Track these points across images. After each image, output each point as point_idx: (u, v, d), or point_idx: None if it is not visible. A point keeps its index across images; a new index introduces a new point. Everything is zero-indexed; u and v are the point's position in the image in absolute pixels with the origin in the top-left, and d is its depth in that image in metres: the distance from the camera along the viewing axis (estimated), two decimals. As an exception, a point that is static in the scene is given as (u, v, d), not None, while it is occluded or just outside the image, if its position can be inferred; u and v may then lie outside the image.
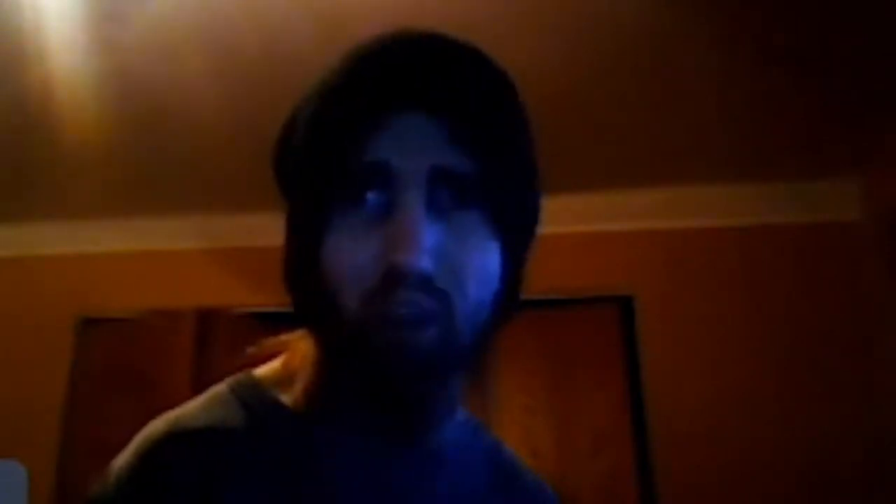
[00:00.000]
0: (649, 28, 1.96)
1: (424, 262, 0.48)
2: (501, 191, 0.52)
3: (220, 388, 0.61)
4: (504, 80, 0.54)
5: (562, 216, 2.77)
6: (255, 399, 0.59)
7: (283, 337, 0.63)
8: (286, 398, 0.59)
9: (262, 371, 0.62)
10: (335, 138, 0.50)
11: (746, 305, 2.74)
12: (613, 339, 2.83)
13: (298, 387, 0.59)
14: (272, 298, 0.56)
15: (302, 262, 0.53)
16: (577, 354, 2.82)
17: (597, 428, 2.72)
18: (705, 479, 2.54)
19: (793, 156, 2.63)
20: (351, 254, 0.50)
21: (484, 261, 0.52)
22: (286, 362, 0.62)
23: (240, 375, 0.62)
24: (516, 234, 0.55)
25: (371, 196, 0.50)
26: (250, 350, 0.65)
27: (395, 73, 0.50)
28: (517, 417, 2.72)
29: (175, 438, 0.55)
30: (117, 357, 2.92)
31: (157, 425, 0.57)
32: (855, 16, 1.91)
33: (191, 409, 0.58)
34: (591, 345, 2.83)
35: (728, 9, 1.89)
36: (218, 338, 2.82)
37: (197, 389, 0.61)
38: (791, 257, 2.77)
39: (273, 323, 0.62)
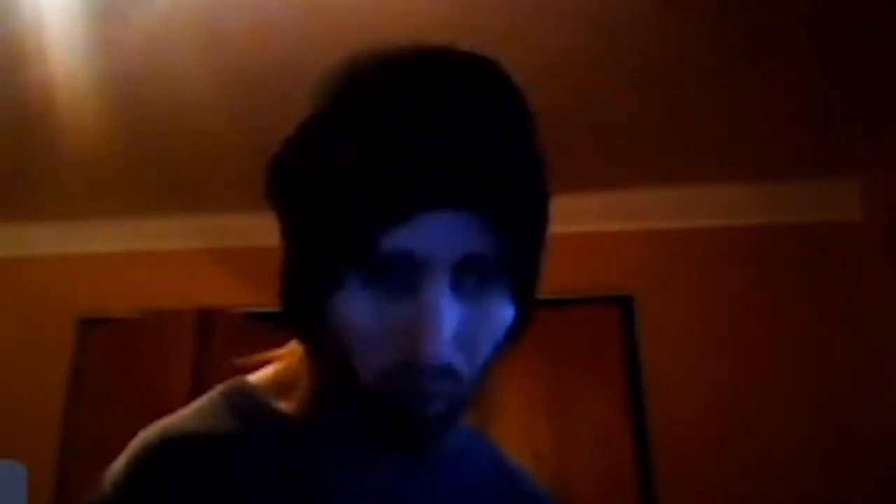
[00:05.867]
0: (649, 28, 1.96)
1: (447, 355, 0.48)
2: (525, 264, 0.53)
3: (213, 394, 0.61)
4: (535, 154, 0.52)
5: (562, 216, 2.76)
6: (250, 406, 0.58)
7: (276, 352, 0.63)
8: (281, 405, 0.58)
9: (255, 377, 0.62)
10: (357, 222, 0.47)
11: (747, 305, 2.74)
12: (613, 339, 2.82)
13: (295, 395, 0.59)
14: (272, 298, 0.55)
15: (309, 308, 0.51)
16: (577, 354, 2.82)
17: (597, 428, 2.71)
18: (705, 479, 2.54)
19: (793, 155, 2.63)
20: (366, 323, 0.49)
21: (501, 327, 0.52)
22: (281, 370, 0.62)
23: (233, 381, 0.62)
24: (528, 286, 0.55)
25: (393, 276, 0.49)
26: (245, 359, 0.64)
27: (426, 172, 0.47)
28: (517, 417, 2.72)
29: (169, 446, 0.55)
30: (117, 357, 2.92)
31: (150, 433, 0.58)
32: (855, 16, 1.91)
33: (184, 416, 0.58)
34: (591, 345, 2.83)
35: (728, 9, 1.89)
36: (218, 338, 2.82)
37: (197, 389, 0.61)
38: (792, 257, 2.77)
39: (273, 323, 0.62)
